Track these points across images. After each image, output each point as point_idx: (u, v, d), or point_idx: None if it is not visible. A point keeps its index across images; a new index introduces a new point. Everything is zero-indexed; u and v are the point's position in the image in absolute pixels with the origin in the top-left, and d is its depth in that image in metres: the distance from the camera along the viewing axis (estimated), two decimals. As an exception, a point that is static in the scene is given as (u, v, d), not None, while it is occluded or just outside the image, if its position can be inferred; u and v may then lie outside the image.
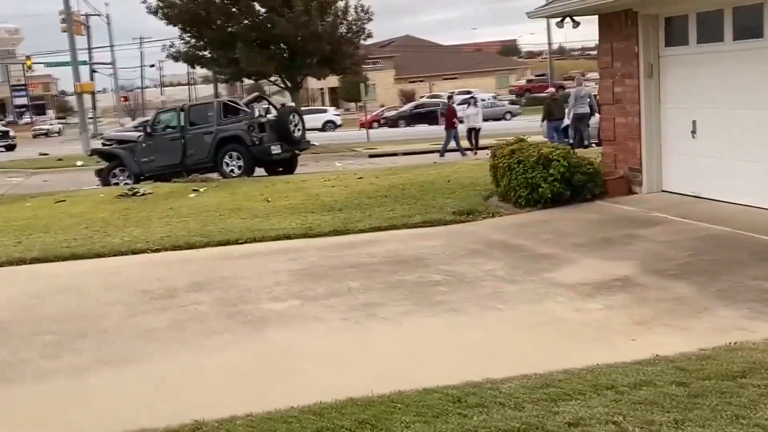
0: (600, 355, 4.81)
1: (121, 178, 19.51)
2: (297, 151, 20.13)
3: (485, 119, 28.54)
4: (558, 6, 10.82)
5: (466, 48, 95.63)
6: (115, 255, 9.12)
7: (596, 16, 11.76)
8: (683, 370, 4.43)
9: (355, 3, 32.43)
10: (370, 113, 43.69)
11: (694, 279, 6.43)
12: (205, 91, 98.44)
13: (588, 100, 19.42)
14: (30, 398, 4.89)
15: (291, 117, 19.55)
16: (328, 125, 47.17)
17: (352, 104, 71.78)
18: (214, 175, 18.23)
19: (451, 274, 7.20)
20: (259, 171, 19.26)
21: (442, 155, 23.02)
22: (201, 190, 14.88)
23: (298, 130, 19.50)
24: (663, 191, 10.33)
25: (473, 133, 24.35)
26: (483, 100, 40.40)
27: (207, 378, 4.98)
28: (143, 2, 31.08)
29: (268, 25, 30.52)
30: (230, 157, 18.63)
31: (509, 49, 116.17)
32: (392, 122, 47.89)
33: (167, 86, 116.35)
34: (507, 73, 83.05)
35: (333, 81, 57.65)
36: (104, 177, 19.73)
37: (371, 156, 26.54)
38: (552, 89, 24.84)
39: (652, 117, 10.25)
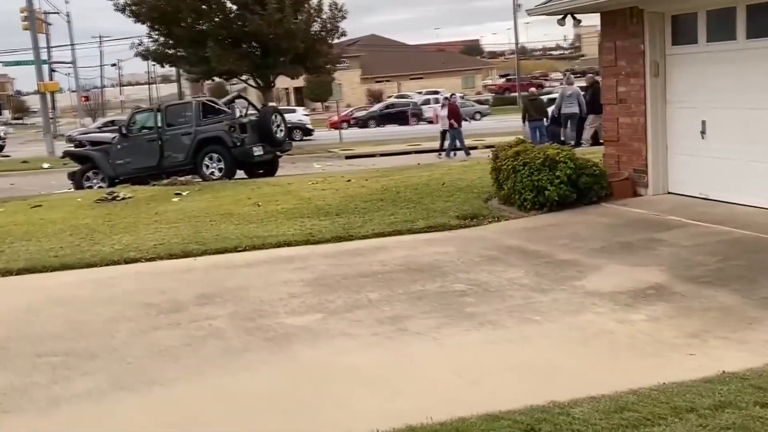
0: (663, 372, 4.53)
1: (95, 181, 18.81)
2: (279, 153, 19.63)
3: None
4: (561, 3, 10.56)
5: (429, 48, 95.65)
6: (107, 264, 8.64)
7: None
8: (761, 389, 4.17)
9: (329, 0, 32.01)
10: (340, 113, 43.22)
11: (731, 286, 6.19)
12: (165, 90, 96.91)
13: (577, 99, 19.21)
14: (48, 429, 4.45)
15: (273, 117, 18.98)
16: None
17: (318, 104, 71.23)
18: (189, 177, 17.63)
19: (473, 282, 6.88)
20: (239, 173, 18.72)
21: (467, 153, 22.59)
22: (184, 193, 14.34)
23: (281, 130, 18.95)
24: (669, 193, 10.14)
25: (448, 134, 24.11)
26: (452, 100, 40.24)
27: (242, 405, 4.57)
28: (110, -1, 30.30)
29: (240, 23, 29.94)
30: (210, 158, 18.02)
31: (472, 49, 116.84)
32: (362, 122, 47.53)
33: (126, 85, 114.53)
34: (473, 73, 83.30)
35: (298, 80, 56.98)
36: (77, 180, 19.00)
37: (348, 157, 26.11)
38: (533, 89, 24.73)
39: (658, 117, 10.05)
